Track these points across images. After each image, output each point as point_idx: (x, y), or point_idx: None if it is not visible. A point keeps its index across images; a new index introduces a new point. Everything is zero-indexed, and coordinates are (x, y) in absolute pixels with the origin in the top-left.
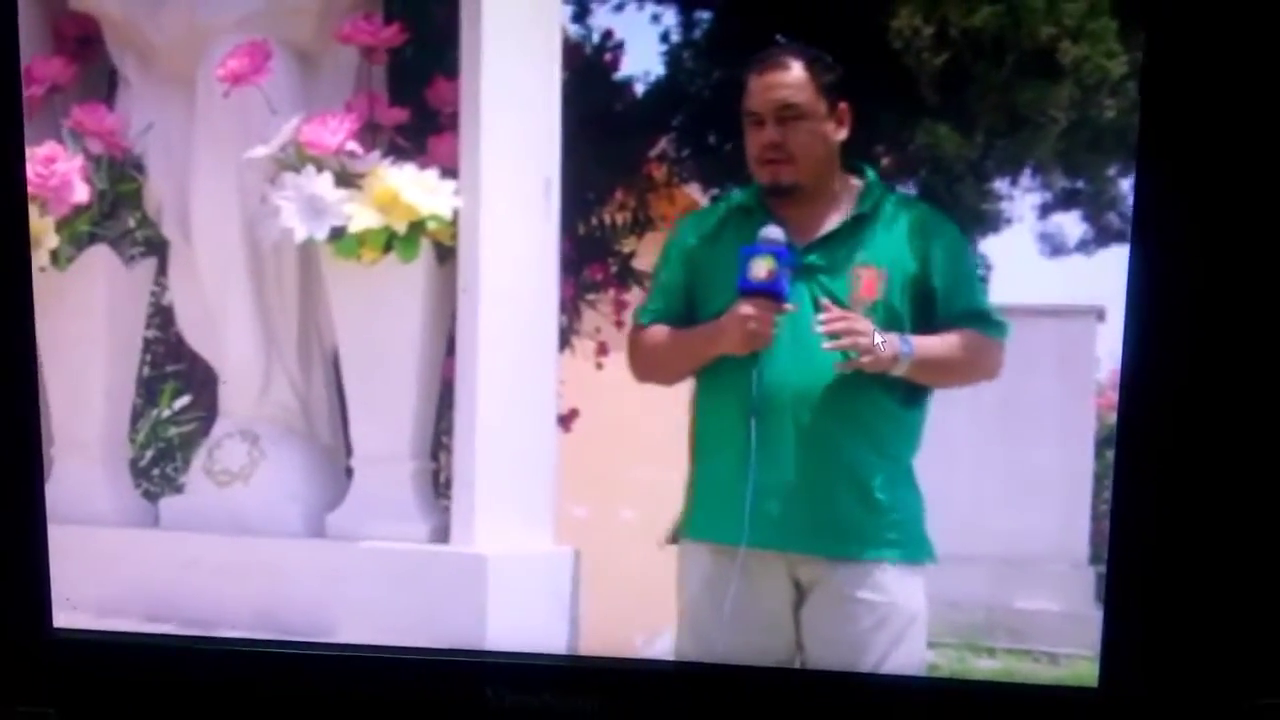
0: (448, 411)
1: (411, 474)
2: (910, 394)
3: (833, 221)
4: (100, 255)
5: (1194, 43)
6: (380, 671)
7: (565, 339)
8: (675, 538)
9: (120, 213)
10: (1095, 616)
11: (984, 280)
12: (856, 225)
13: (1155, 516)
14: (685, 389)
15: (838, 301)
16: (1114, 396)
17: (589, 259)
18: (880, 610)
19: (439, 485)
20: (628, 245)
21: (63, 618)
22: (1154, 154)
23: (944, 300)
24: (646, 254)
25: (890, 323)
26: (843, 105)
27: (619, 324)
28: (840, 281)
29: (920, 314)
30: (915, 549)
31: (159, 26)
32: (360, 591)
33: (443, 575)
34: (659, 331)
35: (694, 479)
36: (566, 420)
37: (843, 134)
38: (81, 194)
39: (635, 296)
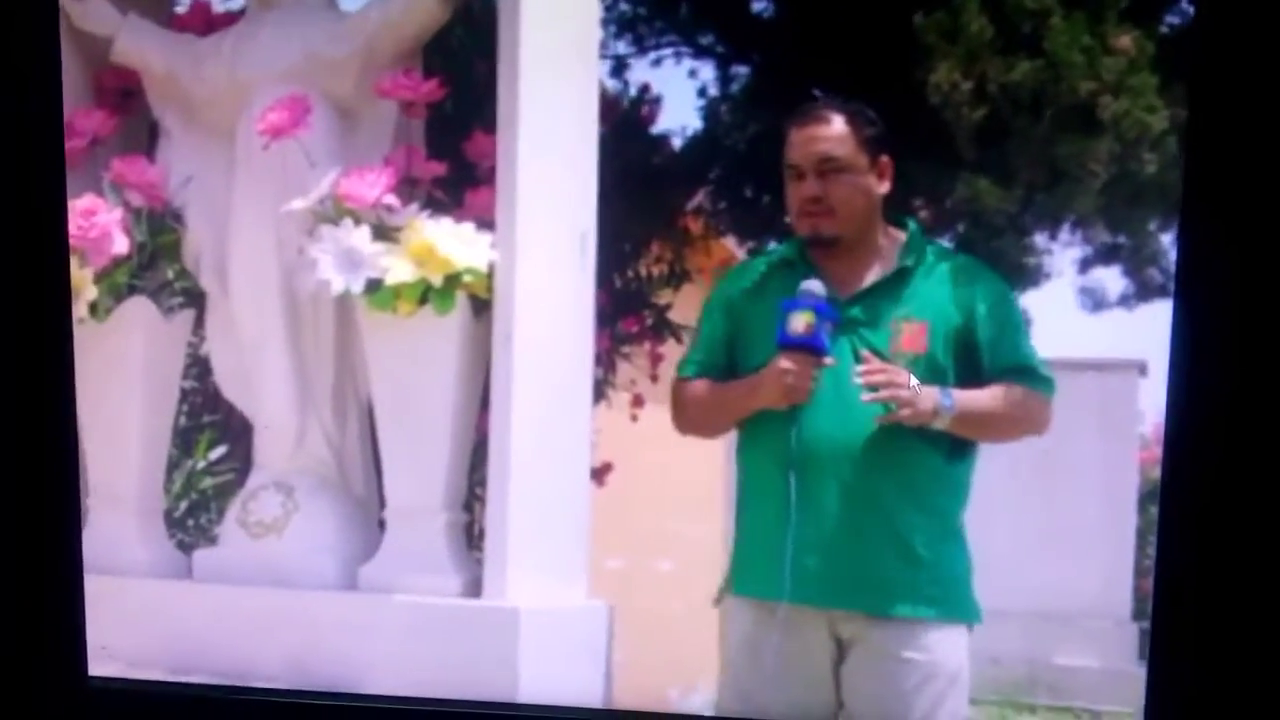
0: (481, 464)
1: (444, 526)
2: (954, 448)
3: (875, 274)
4: (139, 306)
5: (1236, 97)
6: None
7: (600, 392)
8: (721, 596)
9: (159, 264)
10: (1138, 673)
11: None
12: (899, 278)
13: (1199, 572)
14: (722, 442)
15: (879, 354)
16: (1157, 451)
17: (625, 311)
18: (922, 669)
19: (472, 538)
20: (664, 297)
21: (97, 667)
22: (1197, 206)
23: (989, 354)
24: (683, 306)
25: (933, 376)
26: (884, 159)
27: (654, 377)
28: (882, 334)
29: (965, 367)
30: (959, 608)
31: (200, 80)
32: (392, 644)
33: (475, 629)
34: (700, 385)
35: (737, 534)
36: (600, 474)
37: (884, 187)
38: (121, 246)
39: (671, 349)
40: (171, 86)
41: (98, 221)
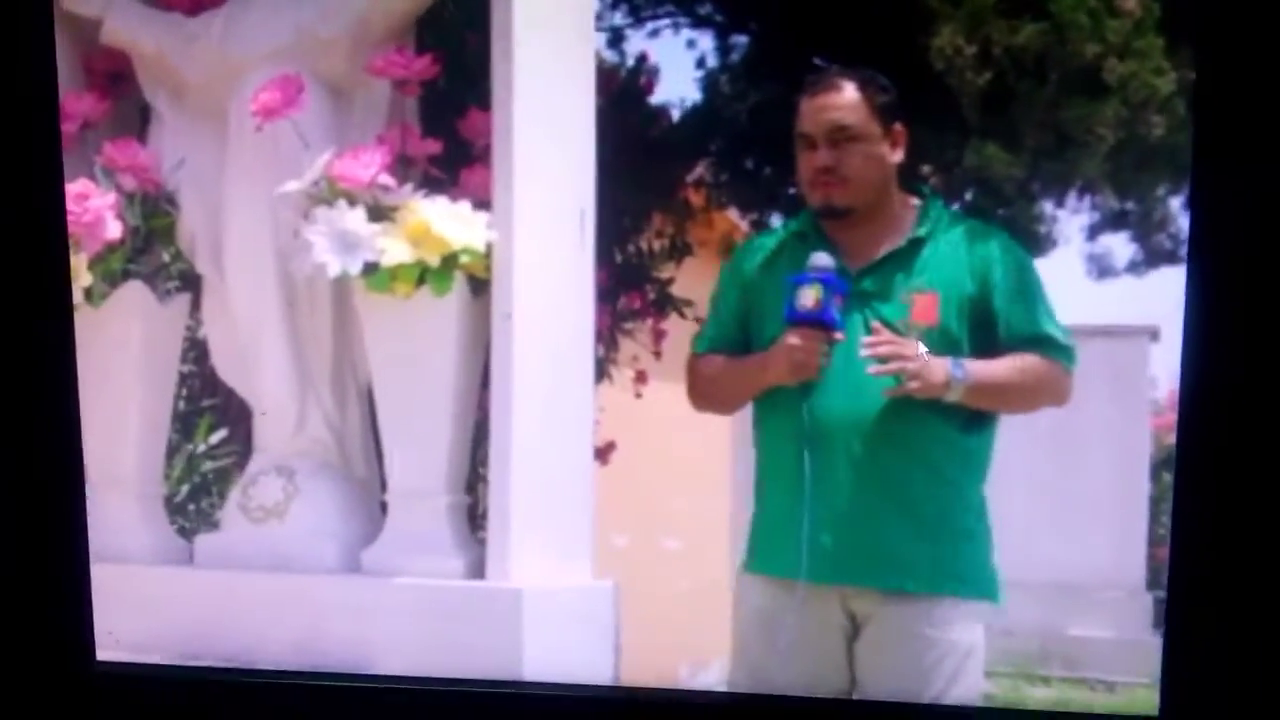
0: (483, 445)
1: (446, 508)
2: (970, 420)
3: (889, 245)
4: (134, 291)
5: (1243, 58)
6: (419, 703)
7: (603, 369)
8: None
9: (154, 248)
10: (1153, 643)
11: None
12: (912, 248)
13: (1215, 540)
14: (728, 418)
15: (892, 328)
16: (1172, 417)
17: (626, 287)
18: (937, 645)
19: (475, 519)
20: (666, 271)
21: (104, 653)
22: (1207, 169)
23: (1005, 323)
24: (685, 280)
25: (948, 348)
26: (898, 127)
27: (658, 353)
28: (894, 307)
29: (981, 338)
30: (974, 585)
31: (190, 61)
32: (396, 627)
33: (478, 610)
34: (714, 361)
35: (755, 511)
36: (604, 453)
37: (898, 156)
38: (114, 231)
39: (674, 324)
40: (162, 68)
41: (90, 206)
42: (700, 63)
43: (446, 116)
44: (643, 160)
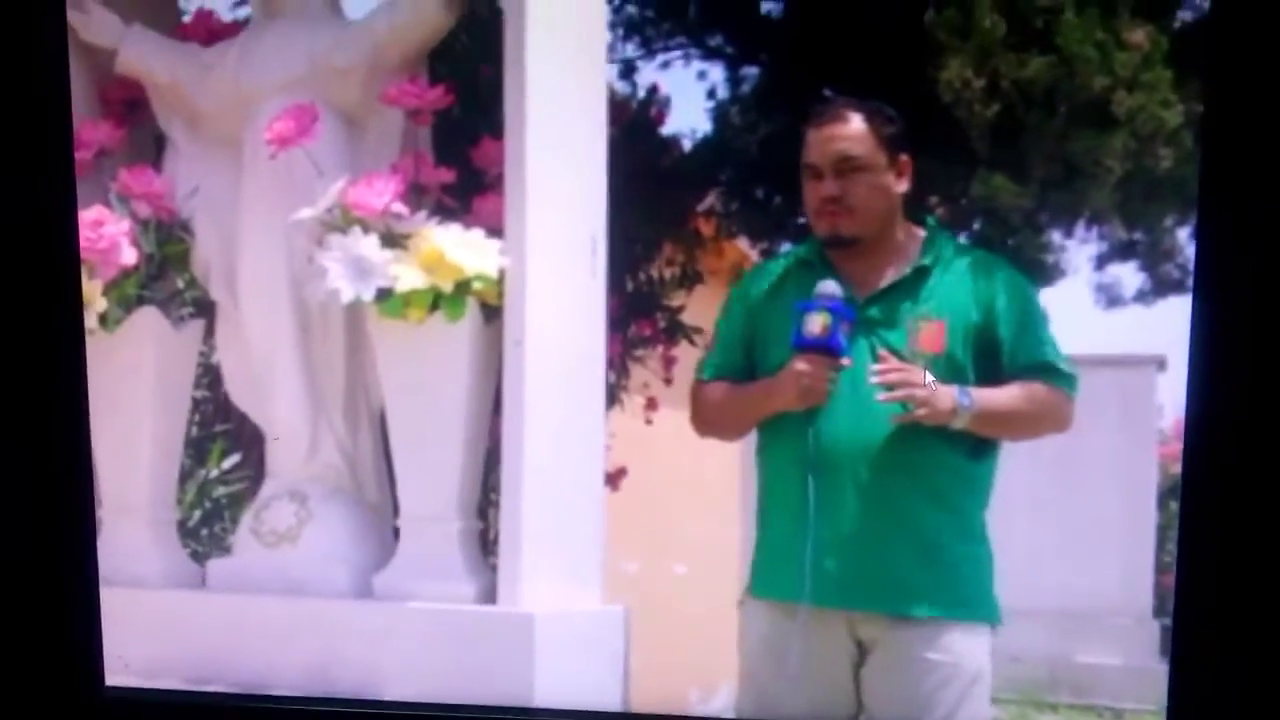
0: (495, 470)
1: (459, 533)
2: (976, 447)
3: (894, 273)
4: (148, 317)
5: (1251, 91)
6: None
7: (614, 396)
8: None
9: (168, 275)
10: (1160, 670)
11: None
12: (917, 277)
13: (1221, 568)
14: (738, 444)
15: (898, 355)
16: (1177, 446)
17: (637, 314)
18: (943, 670)
19: (487, 544)
20: (677, 300)
21: (114, 678)
22: (1214, 201)
23: (1009, 351)
24: (696, 308)
25: (953, 375)
26: (903, 157)
27: (668, 380)
28: (900, 334)
29: (985, 365)
30: (979, 608)
31: (205, 90)
32: (408, 652)
33: (490, 635)
34: (718, 387)
35: (757, 536)
36: (614, 479)
37: (904, 186)
38: (129, 257)
39: (684, 351)
40: (176, 97)
41: (105, 233)
42: (711, 94)
43: (459, 145)
44: (654, 190)
